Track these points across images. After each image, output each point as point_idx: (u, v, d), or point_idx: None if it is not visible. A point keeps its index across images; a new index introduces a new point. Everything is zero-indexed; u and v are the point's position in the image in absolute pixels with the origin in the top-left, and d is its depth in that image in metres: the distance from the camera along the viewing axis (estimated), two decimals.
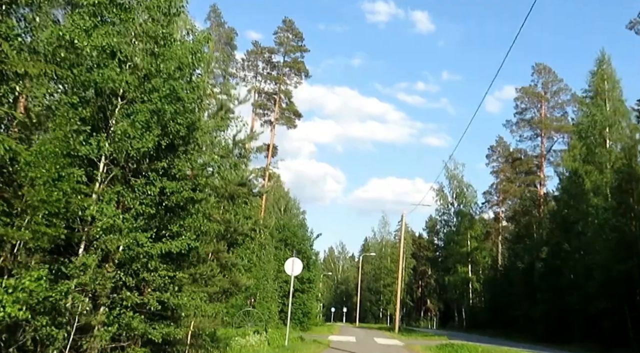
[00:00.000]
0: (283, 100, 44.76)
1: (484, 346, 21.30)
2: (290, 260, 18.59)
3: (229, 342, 17.75)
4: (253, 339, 18.39)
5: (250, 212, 15.04)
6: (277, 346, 17.50)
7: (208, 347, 14.15)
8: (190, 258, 11.29)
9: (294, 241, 37.25)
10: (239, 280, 13.89)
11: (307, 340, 20.69)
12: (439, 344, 21.98)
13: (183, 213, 9.69)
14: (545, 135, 54.70)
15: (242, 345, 17.51)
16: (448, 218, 75.18)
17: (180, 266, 10.39)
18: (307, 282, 37.51)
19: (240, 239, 14.37)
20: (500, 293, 53.15)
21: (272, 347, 17.79)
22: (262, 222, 14.63)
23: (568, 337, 34.21)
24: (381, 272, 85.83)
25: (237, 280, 13.84)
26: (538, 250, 41.22)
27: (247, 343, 17.55)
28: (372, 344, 22.96)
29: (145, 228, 9.03)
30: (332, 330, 36.47)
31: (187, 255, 10.84)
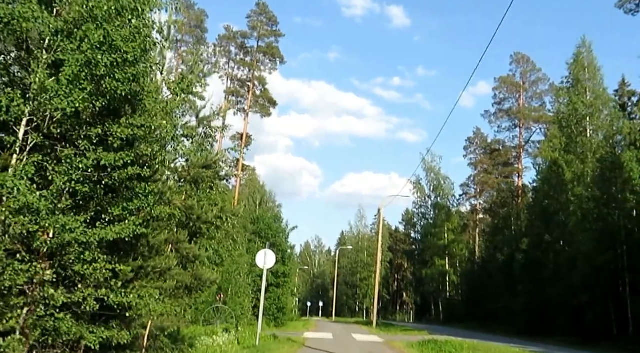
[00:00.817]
0: (257, 88, 43.02)
1: (469, 342, 20.09)
2: (262, 252, 17.04)
3: (194, 342, 16.14)
4: (221, 338, 16.79)
5: (216, 198, 13.37)
6: (247, 346, 15.96)
7: (167, 350, 12.50)
8: (140, 248, 9.64)
9: (269, 234, 35.66)
10: (202, 274, 12.25)
11: (281, 339, 19.19)
12: (421, 340, 20.68)
13: (128, 193, 8.03)
14: (523, 125, 54.09)
15: (208, 345, 15.90)
16: (425, 211, 74.62)
17: (126, 258, 8.75)
18: (282, 276, 35.96)
19: (205, 228, 12.73)
20: (478, 286, 52.52)
21: (241, 347, 16.24)
22: (229, 209, 12.99)
23: (550, 330, 33.43)
24: (358, 266, 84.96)
25: (200, 274, 12.20)
26: (518, 242, 40.44)
27: (213, 343, 15.95)
28: (350, 341, 21.55)
29: (78, 211, 7.36)
30: (308, 326, 35.03)
31: (135, 245, 9.21)
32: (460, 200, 69.99)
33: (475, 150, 66.61)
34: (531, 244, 38.37)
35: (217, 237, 13.80)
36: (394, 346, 19.18)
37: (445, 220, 66.89)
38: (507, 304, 40.26)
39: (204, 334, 19.08)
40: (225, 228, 13.98)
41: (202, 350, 15.19)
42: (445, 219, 67.02)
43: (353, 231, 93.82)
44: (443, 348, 18.31)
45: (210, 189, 13.19)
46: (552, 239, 36.25)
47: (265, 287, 34.30)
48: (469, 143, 67.39)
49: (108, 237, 7.46)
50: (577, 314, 30.49)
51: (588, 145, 35.17)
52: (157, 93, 9.10)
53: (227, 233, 14.43)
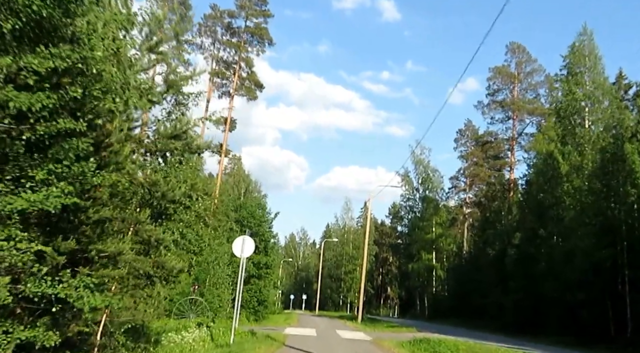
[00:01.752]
0: (244, 70, 40.89)
1: (464, 342, 18.51)
2: (240, 239, 15.22)
3: (160, 338, 14.31)
4: (192, 335, 14.99)
5: (186, 174, 11.52)
6: (220, 345, 14.15)
7: (124, 349, 10.67)
8: (82, 228, 7.79)
9: (251, 222, 33.76)
10: (165, 262, 10.40)
11: (259, 335, 17.43)
12: (412, 339, 19.04)
13: (56, 151, 6.16)
14: (517, 117, 52.67)
15: (176, 343, 14.10)
16: (413, 204, 73.03)
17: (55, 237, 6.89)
18: (264, 267, 34.10)
19: (171, 208, 10.88)
20: (466, 281, 51.24)
21: (214, 344, 14.45)
22: (201, 188, 11.14)
23: (542, 328, 32.05)
24: (343, 259, 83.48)
25: (163, 262, 10.35)
26: (510, 236, 39.02)
27: (182, 340, 14.15)
28: (335, 339, 19.83)
29: None
30: (290, 321, 33.32)
31: (73, 222, 7.36)
32: (449, 194, 68.75)
33: (465, 143, 65.27)
34: (524, 238, 36.95)
35: (186, 219, 11.93)
36: (383, 346, 17.51)
37: (433, 214, 65.46)
38: (497, 300, 38.91)
39: (176, 329, 17.31)
40: (196, 210, 12.13)
41: (167, 349, 13.39)
42: (434, 213, 65.58)
43: (339, 223, 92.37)
44: (436, 348, 16.69)
45: (180, 163, 11.32)
46: (546, 234, 34.84)
47: (245, 278, 32.73)
48: (460, 135, 66.03)
49: (23, 207, 5.59)
50: (572, 312, 29.11)
51: (587, 136, 33.79)
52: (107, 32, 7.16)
53: (199, 216, 12.53)
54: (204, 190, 10.72)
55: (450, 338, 21.67)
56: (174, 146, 11.11)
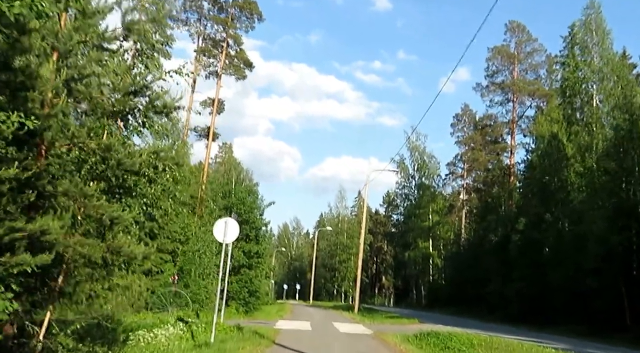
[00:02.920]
0: (232, 47, 38.54)
1: (476, 335, 16.61)
2: (222, 221, 13.11)
3: (129, 337, 12.25)
4: (167, 332, 12.95)
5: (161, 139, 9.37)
6: (198, 344, 12.10)
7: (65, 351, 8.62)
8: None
9: (241, 209, 31.57)
10: (121, 246, 8.28)
11: (247, 331, 15.40)
12: (417, 332, 17.12)
13: None
14: (517, 99, 50.69)
15: (148, 342, 12.05)
16: (409, 192, 71.46)
17: None
18: (256, 256, 31.98)
19: (130, 180, 8.79)
20: (464, 269, 49.55)
21: (192, 343, 12.40)
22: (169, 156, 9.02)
23: (549, 318, 30.27)
24: (337, 248, 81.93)
25: (118, 246, 8.22)
26: (514, 222, 37.10)
27: (153, 339, 12.11)
28: (332, 334, 17.83)
29: None
30: (283, 312, 31.36)
31: None
32: (446, 180, 66.95)
33: (463, 128, 63.30)
34: (528, 224, 35.09)
35: (150, 194, 9.79)
36: (388, 341, 15.53)
37: (429, 201, 63.81)
38: (499, 289, 37.12)
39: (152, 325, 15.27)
40: (163, 183, 10.01)
41: (135, 350, 11.33)
42: (430, 200, 63.93)
43: (333, 213, 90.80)
44: (447, 343, 14.75)
45: (143, 126, 9.17)
46: (552, 218, 33.00)
47: (235, 268, 30.71)
48: (457, 120, 64.04)
49: None
50: (583, 300, 27.38)
51: (596, 115, 31.87)
52: None
53: (166, 191, 10.41)
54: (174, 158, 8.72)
55: (459, 330, 19.78)
56: (133, 103, 8.96)
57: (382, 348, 13.69)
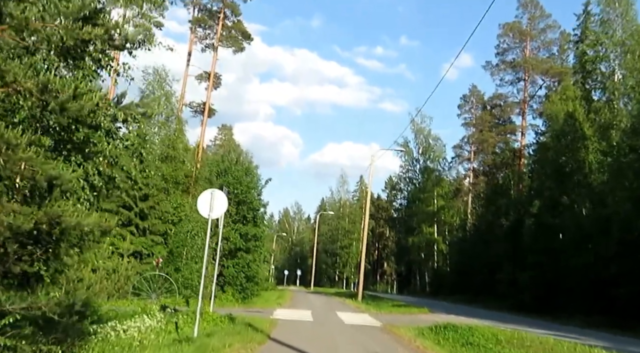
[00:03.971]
0: (229, 18, 36.18)
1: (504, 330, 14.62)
2: (207, 193, 11.05)
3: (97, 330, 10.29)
4: (144, 323, 10.99)
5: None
6: (179, 339, 10.11)
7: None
8: None
9: (237, 189, 29.51)
10: (60, 214, 6.22)
11: (239, 322, 13.46)
12: (432, 324, 15.19)
13: None
14: (529, 78, 48.33)
15: (119, 335, 10.09)
16: (413, 176, 69.38)
17: None
18: (253, 240, 29.86)
19: (83, 133, 6.75)
20: (471, 255, 47.65)
21: (172, 338, 10.42)
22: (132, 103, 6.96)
23: (566, 308, 28.33)
24: (338, 233, 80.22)
25: (54, 214, 6.17)
26: (527, 205, 35.04)
27: (126, 331, 10.15)
28: (337, 325, 15.88)
29: None
30: (282, 299, 29.48)
31: None
32: (452, 163, 64.76)
33: (470, 109, 60.95)
34: (543, 208, 33.05)
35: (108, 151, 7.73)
36: (400, 335, 13.58)
37: (434, 185, 61.78)
38: (510, 276, 35.17)
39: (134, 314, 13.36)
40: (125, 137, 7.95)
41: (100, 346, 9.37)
42: (435, 184, 61.89)
43: (334, 197, 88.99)
44: (469, 338, 12.83)
45: (98, 64, 7.06)
46: (569, 201, 30.94)
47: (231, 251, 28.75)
48: (464, 101, 61.75)
49: None
50: (604, 289, 25.41)
51: (618, 90, 29.66)
52: None
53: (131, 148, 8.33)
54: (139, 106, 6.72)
55: (476, 322, 17.87)
56: (84, 35, 6.86)
57: (396, 344, 11.73)
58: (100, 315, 14.37)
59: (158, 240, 29.17)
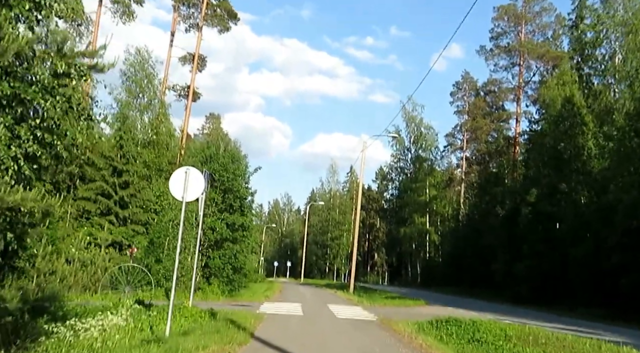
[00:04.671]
0: None
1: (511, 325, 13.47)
2: (181, 171, 9.60)
3: (53, 329, 8.92)
4: (108, 320, 9.62)
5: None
6: (148, 339, 8.76)
7: None
8: None
9: (223, 176, 28.09)
10: None
11: (222, 318, 12.13)
12: (431, 318, 13.98)
13: None
14: (524, 63, 47.13)
15: (78, 335, 8.73)
16: (404, 165, 68.39)
17: None
18: (240, 229, 28.42)
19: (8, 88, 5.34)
20: (464, 246, 46.65)
21: (141, 337, 9.06)
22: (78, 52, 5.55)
23: (565, 299, 27.37)
24: (329, 224, 79.05)
25: None
26: (523, 193, 33.93)
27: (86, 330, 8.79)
28: (328, 320, 14.58)
29: None
30: (270, 292, 28.19)
31: None
32: (444, 152, 63.61)
33: (463, 97, 59.75)
34: (540, 195, 31.96)
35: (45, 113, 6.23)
36: (398, 331, 12.33)
37: (426, 175, 60.72)
38: (507, 267, 34.08)
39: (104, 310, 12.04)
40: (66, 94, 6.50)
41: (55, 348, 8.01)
42: (427, 173, 60.85)
43: (324, 188, 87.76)
44: (474, 334, 11.65)
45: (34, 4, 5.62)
46: (569, 189, 29.87)
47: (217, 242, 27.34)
48: (457, 88, 60.44)
49: None
50: (605, 280, 24.41)
51: (622, 71, 28.53)
52: None
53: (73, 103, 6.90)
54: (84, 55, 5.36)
55: (475, 315, 16.73)
56: None
57: (394, 342, 10.46)
58: (66, 311, 13.02)
59: (140, 230, 27.73)
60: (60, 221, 25.47)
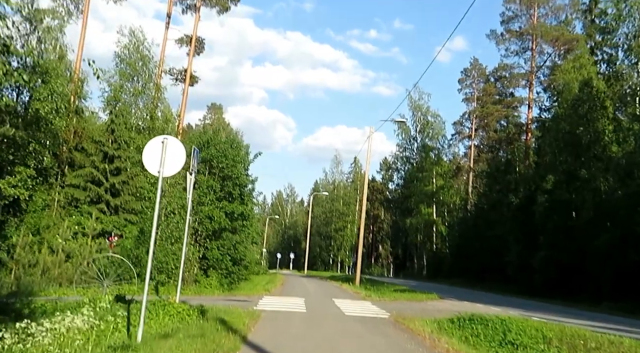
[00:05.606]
0: None
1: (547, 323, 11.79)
2: (157, 140, 7.83)
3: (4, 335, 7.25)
4: (69, 320, 7.97)
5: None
6: (116, 345, 7.09)
7: None
8: None
9: (222, 163, 26.44)
10: None
11: (211, 316, 10.48)
12: (452, 315, 12.31)
13: None
14: (536, 47, 45.11)
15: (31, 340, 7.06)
16: (410, 155, 66.45)
17: None
18: (240, 219, 26.81)
19: None
20: (473, 237, 44.97)
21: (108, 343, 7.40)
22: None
23: (586, 292, 25.63)
24: (332, 215, 77.34)
25: None
26: (540, 181, 32.14)
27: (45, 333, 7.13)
28: (335, 318, 12.88)
29: None
30: (272, 285, 26.55)
31: None
32: (452, 141, 61.66)
33: (471, 84, 57.74)
34: (558, 183, 30.19)
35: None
36: (416, 331, 10.66)
37: (433, 164, 58.86)
38: (520, 258, 32.37)
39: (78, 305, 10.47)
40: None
41: None
42: (434, 162, 58.97)
43: (328, 178, 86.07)
44: (506, 335, 10.02)
45: None
46: (588, 175, 28.07)
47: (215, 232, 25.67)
48: (465, 75, 58.43)
49: None
50: (631, 272, 22.70)
51: None
52: None
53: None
54: None
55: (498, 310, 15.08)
56: None
57: (415, 347, 8.75)
58: (34, 309, 11.43)
59: (133, 219, 26.08)
60: (47, 209, 23.94)
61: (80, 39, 28.75)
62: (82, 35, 28.53)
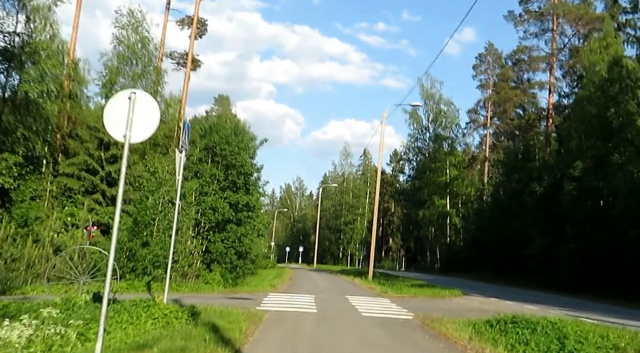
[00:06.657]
0: None
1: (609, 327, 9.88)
2: (122, 95, 5.98)
3: None
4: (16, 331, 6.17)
5: None
6: None
7: None
8: None
9: (226, 150, 24.67)
10: None
11: (203, 320, 8.68)
12: (488, 315, 10.43)
13: None
14: (557, 28, 42.76)
15: None
16: (422, 145, 64.23)
17: None
18: (245, 210, 25.02)
19: None
20: (491, 228, 42.90)
21: None
22: None
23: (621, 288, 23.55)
24: (342, 208, 75.51)
25: None
26: (566, 168, 30.04)
27: None
28: (352, 322, 10.95)
29: None
30: (279, 280, 24.76)
31: None
32: (466, 130, 59.40)
33: (486, 70, 55.46)
34: (586, 170, 28.10)
35: None
36: (449, 336, 8.79)
37: (447, 154, 56.72)
38: (545, 250, 30.30)
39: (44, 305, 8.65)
40: None
41: None
42: (448, 152, 56.82)
43: (337, 171, 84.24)
44: (563, 343, 8.19)
45: None
46: (621, 161, 25.98)
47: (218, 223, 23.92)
48: (480, 61, 56.15)
49: None
50: None
51: None
52: None
53: None
54: None
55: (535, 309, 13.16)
56: None
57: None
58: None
59: (130, 209, 24.41)
60: (38, 200, 22.29)
61: (75, 19, 27.05)
62: (77, 15, 26.81)
